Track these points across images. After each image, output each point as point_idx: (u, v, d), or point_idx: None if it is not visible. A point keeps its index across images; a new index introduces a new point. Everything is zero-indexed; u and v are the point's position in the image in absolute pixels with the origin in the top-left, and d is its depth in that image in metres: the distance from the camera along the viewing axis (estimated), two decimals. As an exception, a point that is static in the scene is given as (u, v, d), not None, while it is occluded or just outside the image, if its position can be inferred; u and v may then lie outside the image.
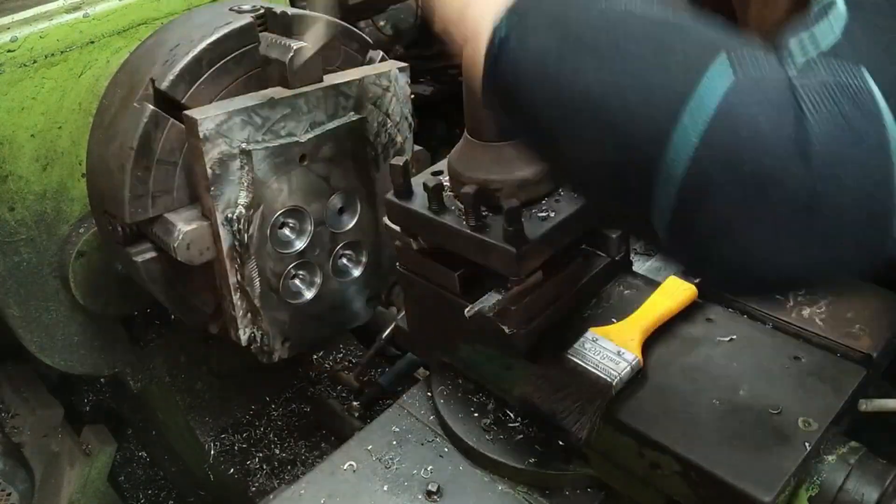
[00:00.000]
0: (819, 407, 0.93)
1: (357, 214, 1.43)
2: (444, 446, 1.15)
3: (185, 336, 1.96)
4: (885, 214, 0.63)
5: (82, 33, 1.50)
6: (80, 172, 1.55)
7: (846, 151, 0.61)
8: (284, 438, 2.08)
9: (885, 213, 0.63)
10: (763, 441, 0.90)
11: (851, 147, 0.61)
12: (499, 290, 1.03)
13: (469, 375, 1.18)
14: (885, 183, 0.62)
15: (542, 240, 0.99)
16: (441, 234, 1.04)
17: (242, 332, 1.38)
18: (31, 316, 1.63)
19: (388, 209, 1.11)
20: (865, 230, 0.64)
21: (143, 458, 2.38)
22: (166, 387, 2.01)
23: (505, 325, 1.03)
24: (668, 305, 1.08)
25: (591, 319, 1.11)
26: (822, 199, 0.61)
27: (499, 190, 1.02)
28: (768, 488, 0.84)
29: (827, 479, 0.90)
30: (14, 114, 1.45)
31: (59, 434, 1.96)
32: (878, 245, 0.65)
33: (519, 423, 1.12)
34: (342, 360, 2.27)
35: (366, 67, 1.43)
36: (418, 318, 1.24)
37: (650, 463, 0.93)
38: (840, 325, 1.03)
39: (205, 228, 1.26)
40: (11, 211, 1.50)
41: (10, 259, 1.54)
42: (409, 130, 1.48)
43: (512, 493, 1.07)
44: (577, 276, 1.11)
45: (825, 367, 0.98)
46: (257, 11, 1.34)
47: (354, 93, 1.34)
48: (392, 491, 1.08)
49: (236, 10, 1.36)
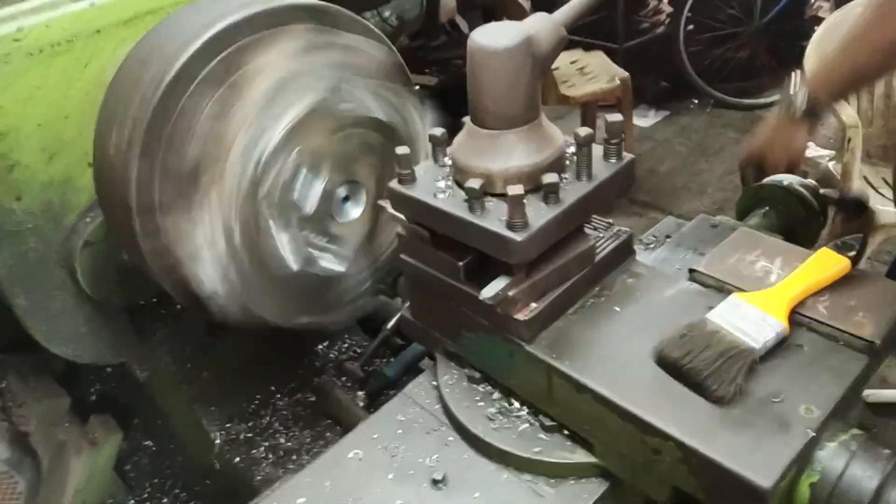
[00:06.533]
0: (821, 394, 0.93)
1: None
2: (449, 435, 1.15)
3: (191, 326, 1.97)
4: None
5: (88, 23, 1.49)
6: (86, 162, 1.55)
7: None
8: (290, 428, 2.08)
9: None
10: (764, 428, 0.90)
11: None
12: (505, 277, 1.03)
13: (473, 363, 1.18)
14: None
15: (545, 228, 0.99)
16: (443, 222, 1.05)
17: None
18: (37, 305, 1.63)
19: (391, 197, 1.11)
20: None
21: (149, 447, 2.39)
22: (172, 376, 2.01)
23: (508, 313, 1.04)
24: (819, 277, 1.07)
25: (594, 307, 1.11)
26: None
27: (502, 177, 1.02)
28: (768, 474, 0.84)
29: (828, 465, 0.89)
30: (20, 103, 1.45)
31: (65, 423, 1.97)
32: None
33: (524, 411, 1.13)
34: (347, 349, 2.28)
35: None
36: (421, 306, 1.24)
37: (652, 449, 0.94)
38: (843, 313, 1.03)
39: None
40: (18, 200, 1.50)
41: (17, 249, 1.54)
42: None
43: (517, 481, 1.07)
44: (581, 264, 1.11)
45: (828, 355, 0.98)
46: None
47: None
48: (398, 479, 1.09)
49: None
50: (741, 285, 1.09)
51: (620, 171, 1.08)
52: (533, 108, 1.03)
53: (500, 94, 1.00)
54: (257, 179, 1.28)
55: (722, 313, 1.01)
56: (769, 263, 1.13)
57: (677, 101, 5.46)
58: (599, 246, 1.14)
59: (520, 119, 1.02)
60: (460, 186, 1.06)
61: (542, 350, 1.04)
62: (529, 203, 1.01)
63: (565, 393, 1.02)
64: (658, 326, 1.04)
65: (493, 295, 1.01)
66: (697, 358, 0.96)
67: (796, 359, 0.98)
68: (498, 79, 0.99)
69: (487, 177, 1.03)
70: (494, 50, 0.98)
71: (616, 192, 1.10)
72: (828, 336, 1.01)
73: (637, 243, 1.49)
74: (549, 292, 1.07)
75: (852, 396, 0.97)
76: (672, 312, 1.06)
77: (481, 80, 1.00)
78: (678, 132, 5.11)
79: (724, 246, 1.19)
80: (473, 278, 1.08)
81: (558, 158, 1.06)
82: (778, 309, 1.01)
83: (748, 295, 1.04)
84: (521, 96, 1.01)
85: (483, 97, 1.01)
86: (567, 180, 1.06)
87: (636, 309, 1.09)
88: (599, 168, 1.07)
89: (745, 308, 1.01)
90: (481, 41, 0.98)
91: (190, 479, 2.30)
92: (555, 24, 1.05)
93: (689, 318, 1.02)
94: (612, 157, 1.09)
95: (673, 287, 1.12)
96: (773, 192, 1.61)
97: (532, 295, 1.05)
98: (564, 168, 1.08)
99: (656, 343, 1.00)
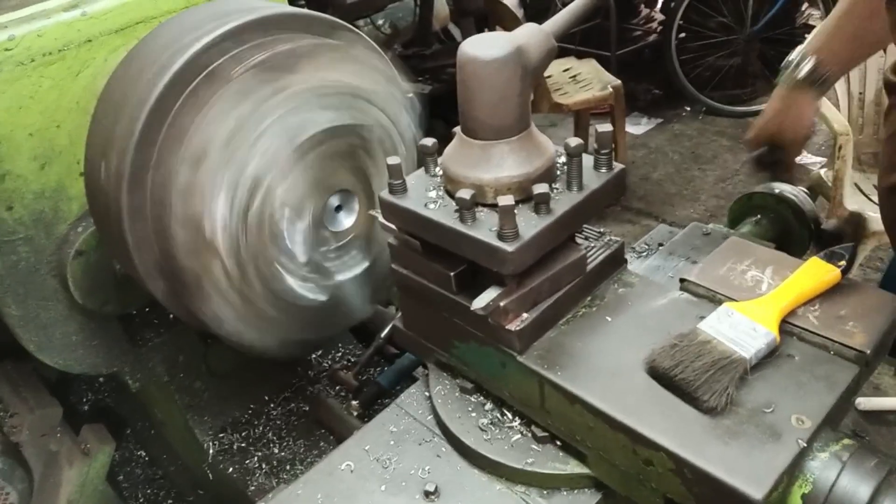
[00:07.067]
0: (812, 404, 0.93)
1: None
2: (441, 446, 1.15)
3: (184, 335, 1.97)
4: None
5: (80, 32, 1.50)
6: (78, 171, 1.55)
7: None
8: (283, 437, 2.08)
9: None
10: (756, 438, 0.89)
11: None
12: (496, 287, 1.03)
13: (465, 374, 1.18)
14: None
15: (536, 238, 0.99)
16: (434, 232, 1.05)
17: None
18: (29, 315, 1.63)
19: (383, 206, 1.11)
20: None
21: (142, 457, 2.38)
22: (165, 386, 2.01)
23: (500, 323, 1.04)
24: (809, 286, 1.07)
25: (585, 317, 1.11)
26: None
27: (493, 188, 1.03)
28: (760, 485, 0.84)
29: (820, 476, 0.89)
30: (12, 112, 1.45)
31: (57, 433, 1.96)
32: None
33: (517, 422, 1.12)
34: (341, 358, 2.27)
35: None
36: (413, 316, 1.24)
37: (643, 460, 0.94)
38: (833, 323, 1.03)
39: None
40: (9, 210, 1.50)
41: (9, 258, 1.54)
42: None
43: (510, 493, 1.07)
44: (573, 273, 1.11)
45: (818, 365, 0.98)
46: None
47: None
48: (390, 491, 1.08)
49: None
50: (732, 295, 1.09)
51: (611, 181, 1.08)
52: (523, 119, 1.03)
53: (490, 105, 1.00)
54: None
55: (713, 323, 1.01)
56: (760, 273, 1.13)
57: (670, 108, 5.50)
58: (591, 255, 1.14)
59: (510, 129, 1.02)
60: (451, 196, 1.06)
61: (534, 360, 1.03)
62: (520, 213, 1.01)
63: (557, 403, 1.02)
64: (649, 336, 1.03)
65: (484, 305, 1.01)
66: (688, 368, 0.95)
67: (787, 368, 0.98)
68: (488, 89, 0.99)
69: (478, 187, 1.03)
70: (484, 60, 0.98)
71: (607, 201, 1.10)
72: (818, 346, 1.01)
73: (630, 251, 1.50)
74: (541, 302, 1.07)
75: (843, 406, 0.97)
76: (663, 322, 1.06)
77: (472, 91, 1.00)
78: (671, 139, 5.14)
79: (715, 255, 1.19)
80: (465, 289, 1.08)
81: (549, 169, 1.06)
82: (768, 319, 1.01)
83: (739, 305, 1.04)
84: (512, 107, 1.01)
85: (473, 107, 1.01)
86: (558, 190, 1.06)
87: (628, 319, 1.09)
88: (590, 178, 1.07)
89: (735, 318, 1.01)
90: (471, 52, 0.99)
91: (183, 488, 2.30)
92: (545, 35, 1.05)
93: (681, 328, 1.02)
94: (602, 168, 1.09)
95: (664, 297, 1.12)
96: (764, 200, 1.61)
97: (523, 305, 1.05)
98: (555, 178, 1.08)
99: (647, 353, 1.00)
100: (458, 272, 1.07)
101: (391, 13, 3.42)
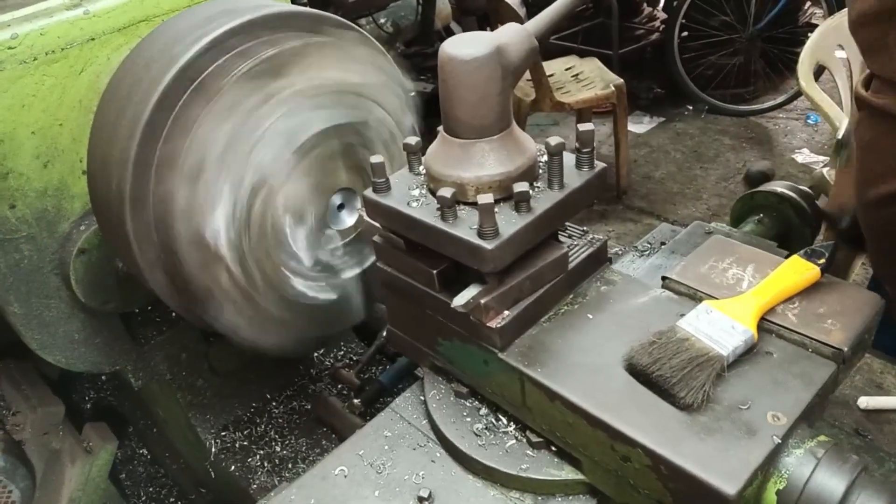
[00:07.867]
0: (788, 401, 0.93)
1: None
2: (436, 451, 1.15)
3: (186, 333, 1.99)
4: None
5: (83, 30, 1.51)
6: (80, 170, 1.57)
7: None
8: (285, 436, 2.10)
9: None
10: (731, 434, 0.90)
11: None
12: (477, 284, 1.04)
13: (450, 371, 1.19)
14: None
15: (516, 236, 1.00)
16: (416, 230, 1.06)
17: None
18: (32, 313, 1.65)
19: (367, 205, 1.12)
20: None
21: (144, 455, 2.40)
22: (167, 384, 2.03)
23: (481, 320, 1.05)
24: (788, 284, 1.07)
25: (567, 315, 1.12)
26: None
27: (474, 186, 1.04)
28: (734, 481, 0.84)
29: (795, 472, 0.90)
30: (15, 111, 1.46)
31: (60, 431, 1.99)
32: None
33: (512, 428, 1.13)
34: (343, 357, 2.29)
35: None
36: (399, 314, 1.25)
37: (621, 456, 0.94)
38: (812, 320, 1.03)
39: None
40: (12, 208, 1.52)
41: (11, 256, 1.56)
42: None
43: (504, 498, 1.07)
44: (554, 271, 1.11)
45: (796, 362, 0.99)
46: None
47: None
48: (383, 496, 1.08)
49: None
50: (713, 293, 1.10)
51: (592, 180, 1.09)
52: (504, 118, 1.04)
53: (470, 104, 1.01)
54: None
55: (692, 321, 1.02)
56: (741, 271, 1.13)
57: (672, 107, 5.48)
58: (573, 254, 1.15)
59: (491, 128, 1.03)
60: (433, 195, 1.07)
61: (515, 357, 1.04)
62: (501, 211, 1.02)
63: (538, 400, 1.03)
64: (630, 334, 1.04)
65: (464, 303, 1.02)
66: (666, 365, 0.96)
67: (765, 366, 0.99)
68: (468, 88, 1.00)
69: (459, 185, 1.04)
70: (464, 60, 0.99)
71: (588, 200, 1.11)
72: (797, 343, 1.02)
73: (632, 250, 1.50)
74: (522, 300, 1.08)
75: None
76: (644, 320, 1.07)
77: (452, 90, 1.01)
78: (673, 138, 5.12)
79: (697, 253, 1.20)
80: (448, 286, 1.09)
81: (530, 167, 1.07)
82: (747, 316, 1.02)
83: (719, 302, 1.05)
84: (492, 106, 1.02)
85: (454, 107, 1.02)
86: (539, 189, 1.07)
87: (609, 316, 1.10)
88: (571, 177, 1.08)
89: (714, 315, 1.02)
90: (451, 51, 1.00)
91: (185, 486, 2.32)
92: (526, 34, 1.06)
93: (661, 326, 1.02)
94: (584, 167, 1.10)
95: (646, 295, 1.13)
96: (767, 199, 1.61)
97: (504, 303, 1.06)
98: (536, 177, 1.09)
99: (627, 350, 1.01)
100: (441, 270, 1.08)
101: (393, 12, 3.42)
